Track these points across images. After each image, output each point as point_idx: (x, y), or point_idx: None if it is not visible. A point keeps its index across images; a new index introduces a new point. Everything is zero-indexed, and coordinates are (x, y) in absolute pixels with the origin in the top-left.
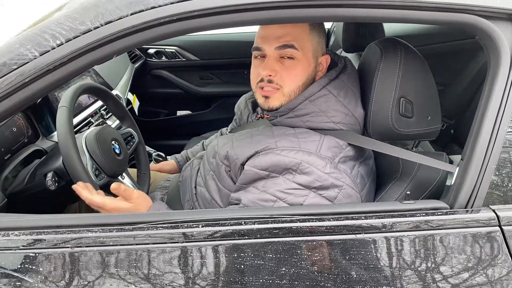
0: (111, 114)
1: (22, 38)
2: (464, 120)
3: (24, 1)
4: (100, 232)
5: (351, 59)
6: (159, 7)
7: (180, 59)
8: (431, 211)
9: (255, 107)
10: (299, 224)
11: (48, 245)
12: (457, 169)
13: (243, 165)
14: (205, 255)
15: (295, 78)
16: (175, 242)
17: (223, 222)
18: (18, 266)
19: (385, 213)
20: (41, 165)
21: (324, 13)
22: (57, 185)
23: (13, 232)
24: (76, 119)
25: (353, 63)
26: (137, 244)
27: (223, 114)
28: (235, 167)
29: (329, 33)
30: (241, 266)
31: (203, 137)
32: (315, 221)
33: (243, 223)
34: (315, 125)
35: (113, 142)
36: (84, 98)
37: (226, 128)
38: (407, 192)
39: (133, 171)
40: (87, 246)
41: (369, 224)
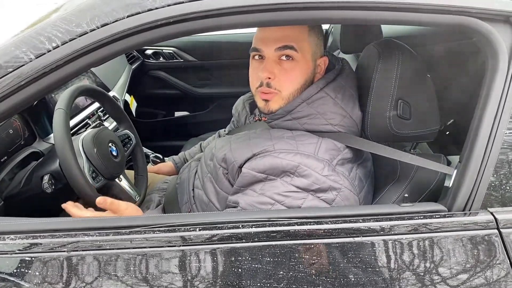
0: (108, 115)
1: (17, 40)
2: (462, 121)
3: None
4: (96, 235)
5: (349, 60)
6: (156, 9)
7: (177, 60)
8: (429, 213)
9: (252, 109)
10: (297, 227)
11: (44, 249)
12: (455, 171)
13: (240, 167)
14: (202, 259)
15: (294, 80)
16: (172, 245)
17: (220, 225)
18: (14, 270)
19: (383, 216)
20: (37, 168)
21: (322, 15)
22: (53, 187)
23: (9, 236)
24: (73, 121)
25: (351, 64)
26: (134, 247)
27: (221, 115)
28: (232, 169)
29: (327, 34)
30: (239, 269)
31: (201, 138)
32: (313, 224)
33: (240, 226)
34: (313, 128)
35: (110, 144)
36: (81, 99)
37: (224, 129)
38: (405, 194)
39: (131, 173)
40: (83, 250)
41: (367, 227)
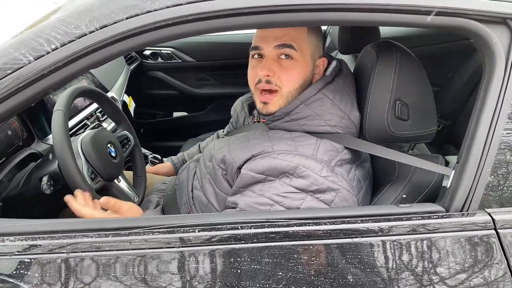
0: (106, 116)
1: (16, 42)
2: (459, 121)
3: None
4: (96, 237)
5: (347, 60)
6: (155, 11)
7: (176, 61)
8: (427, 214)
9: (251, 110)
10: (295, 228)
11: (43, 251)
12: (453, 172)
13: (239, 168)
14: (201, 260)
15: (293, 79)
16: (171, 247)
17: (219, 226)
18: (13, 272)
19: (382, 217)
20: (36, 169)
21: (320, 17)
22: (52, 189)
23: (8, 237)
24: (71, 122)
25: (349, 65)
26: (133, 249)
27: (219, 115)
28: (231, 170)
29: (325, 34)
30: (238, 270)
31: (199, 138)
32: (312, 225)
33: (239, 227)
34: (311, 129)
35: (109, 145)
36: (79, 100)
37: (222, 130)
38: (403, 195)
39: (129, 174)
40: (83, 251)
41: (366, 227)
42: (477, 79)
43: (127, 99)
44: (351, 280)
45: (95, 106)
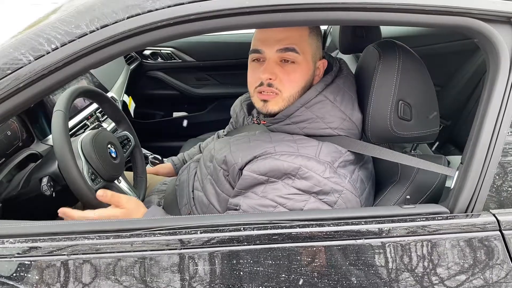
0: (106, 116)
1: (16, 42)
2: (460, 121)
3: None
4: (96, 239)
5: (348, 60)
6: (156, 10)
7: (176, 61)
8: (431, 215)
9: (250, 110)
10: (298, 229)
11: (44, 253)
12: (457, 173)
13: (241, 170)
14: (203, 262)
15: (295, 82)
16: (172, 248)
17: (221, 228)
18: (13, 274)
19: (385, 218)
20: (36, 170)
21: (322, 17)
22: (52, 190)
23: (8, 239)
24: (71, 122)
25: (350, 65)
26: (134, 251)
27: (220, 115)
28: (233, 172)
29: (326, 34)
30: (240, 272)
31: (199, 138)
32: (315, 227)
33: (241, 229)
34: (312, 132)
35: (109, 145)
36: (79, 100)
37: (222, 130)
38: (407, 196)
39: (130, 175)
40: (83, 253)
41: (369, 229)
42: (478, 79)
43: (127, 99)
44: (355, 282)
45: (95, 106)
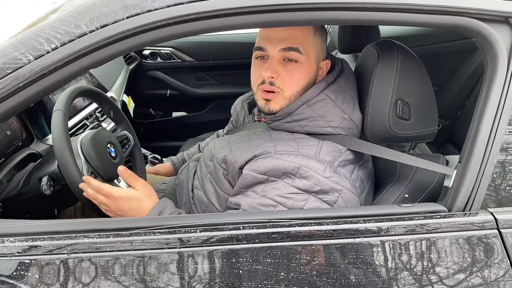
0: (106, 116)
1: (16, 42)
2: (459, 120)
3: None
4: (96, 238)
5: (347, 60)
6: (156, 10)
7: (175, 60)
8: (430, 214)
9: (251, 109)
10: (297, 228)
11: (44, 252)
12: (455, 171)
13: (241, 169)
14: (202, 261)
15: (297, 81)
16: (172, 247)
17: (220, 227)
18: (13, 273)
19: (384, 217)
20: (35, 169)
21: (322, 17)
22: (52, 189)
23: (8, 238)
24: (71, 122)
25: (349, 64)
26: (134, 249)
27: (219, 115)
28: (233, 171)
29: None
30: (239, 271)
31: (199, 138)
32: (314, 225)
33: (241, 227)
34: (313, 130)
35: (109, 145)
36: (78, 100)
37: (222, 130)
38: (405, 195)
39: None
40: (83, 252)
41: (368, 228)
42: (477, 79)
43: (127, 99)
44: (354, 280)
45: (94, 106)
